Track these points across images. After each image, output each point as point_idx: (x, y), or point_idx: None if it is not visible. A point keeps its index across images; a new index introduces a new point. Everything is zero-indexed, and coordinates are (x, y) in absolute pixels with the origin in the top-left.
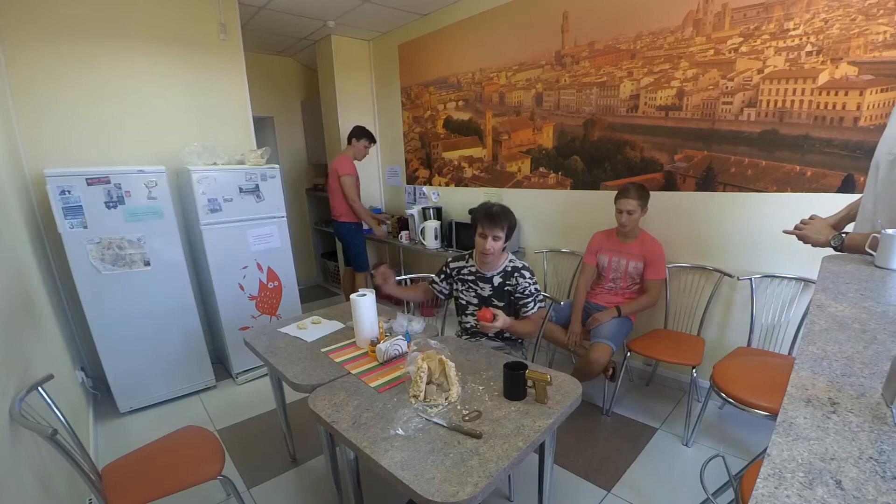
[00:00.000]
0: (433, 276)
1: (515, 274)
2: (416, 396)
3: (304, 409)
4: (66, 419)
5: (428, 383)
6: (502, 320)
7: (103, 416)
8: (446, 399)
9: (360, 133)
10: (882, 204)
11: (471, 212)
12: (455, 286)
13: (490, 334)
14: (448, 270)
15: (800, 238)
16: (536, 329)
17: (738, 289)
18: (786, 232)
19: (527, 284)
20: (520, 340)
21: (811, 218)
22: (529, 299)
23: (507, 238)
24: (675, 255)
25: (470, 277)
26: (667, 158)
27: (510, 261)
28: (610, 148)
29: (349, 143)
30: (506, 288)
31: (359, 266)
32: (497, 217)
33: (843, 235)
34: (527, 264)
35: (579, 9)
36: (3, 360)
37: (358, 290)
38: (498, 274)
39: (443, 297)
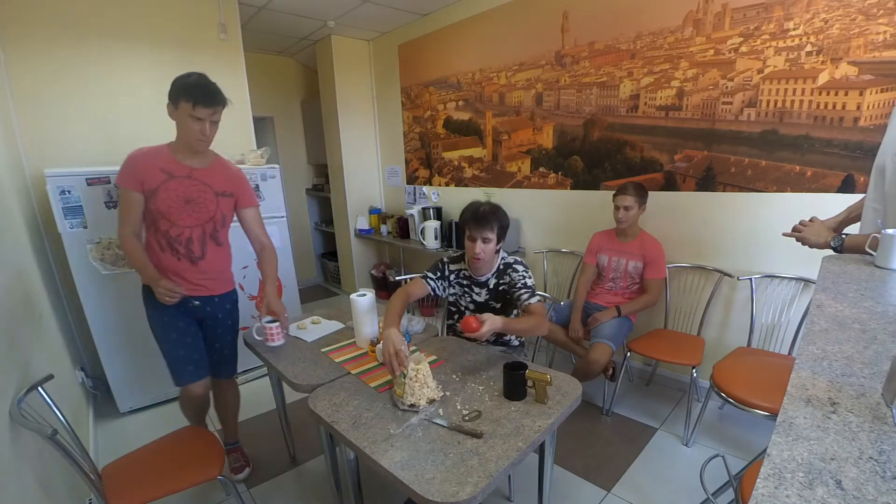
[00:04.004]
0: (427, 271)
1: (508, 270)
2: (432, 400)
3: (304, 409)
4: (66, 419)
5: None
6: (490, 323)
7: (103, 416)
8: (438, 399)
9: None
10: (892, 205)
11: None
12: (450, 290)
13: (483, 341)
14: (446, 272)
15: (799, 240)
16: (541, 320)
17: (738, 289)
18: (785, 235)
19: (520, 277)
20: (521, 344)
21: (811, 220)
22: (524, 290)
23: (500, 239)
24: (675, 255)
25: (465, 282)
26: (667, 158)
27: (502, 258)
28: (610, 148)
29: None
30: (500, 287)
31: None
32: (486, 218)
33: (843, 237)
34: (518, 258)
35: (579, 9)
36: (3, 360)
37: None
38: (492, 275)
39: (433, 294)
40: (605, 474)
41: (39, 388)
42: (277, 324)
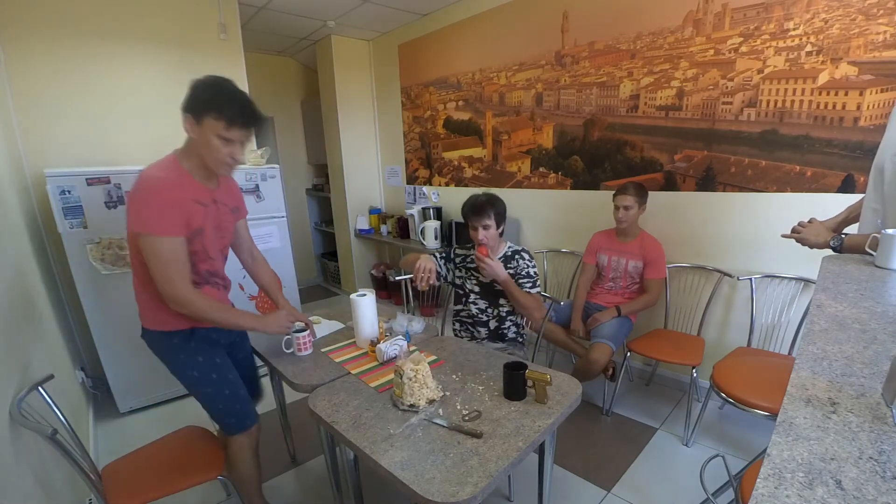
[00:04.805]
0: (436, 251)
1: (516, 256)
2: (432, 400)
3: (304, 409)
4: (66, 419)
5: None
6: (498, 265)
7: (103, 416)
8: (438, 399)
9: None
10: (891, 206)
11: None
12: (457, 273)
13: (483, 337)
14: (452, 255)
15: (798, 241)
16: (537, 305)
17: (738, 289)
18: (784, 236)
19: (525, 265)
20: (521, 341)
21: (810, 221)
22: (527, 280)
23: (500, 224)
24: (675, 255)
25: (472, 265)
26: (667, 158)
27: (509, 246)
28: (610, 148)
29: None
30: (507, 271)
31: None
32: (482, 207)
33: (843, 237)
34: (526, 248)
35: (579, 9)
36: (3, 360)
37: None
38: (500, 259)
39: (439, 271)
40: (605, 474)
41: (39, 388)
42: (307, 332)
